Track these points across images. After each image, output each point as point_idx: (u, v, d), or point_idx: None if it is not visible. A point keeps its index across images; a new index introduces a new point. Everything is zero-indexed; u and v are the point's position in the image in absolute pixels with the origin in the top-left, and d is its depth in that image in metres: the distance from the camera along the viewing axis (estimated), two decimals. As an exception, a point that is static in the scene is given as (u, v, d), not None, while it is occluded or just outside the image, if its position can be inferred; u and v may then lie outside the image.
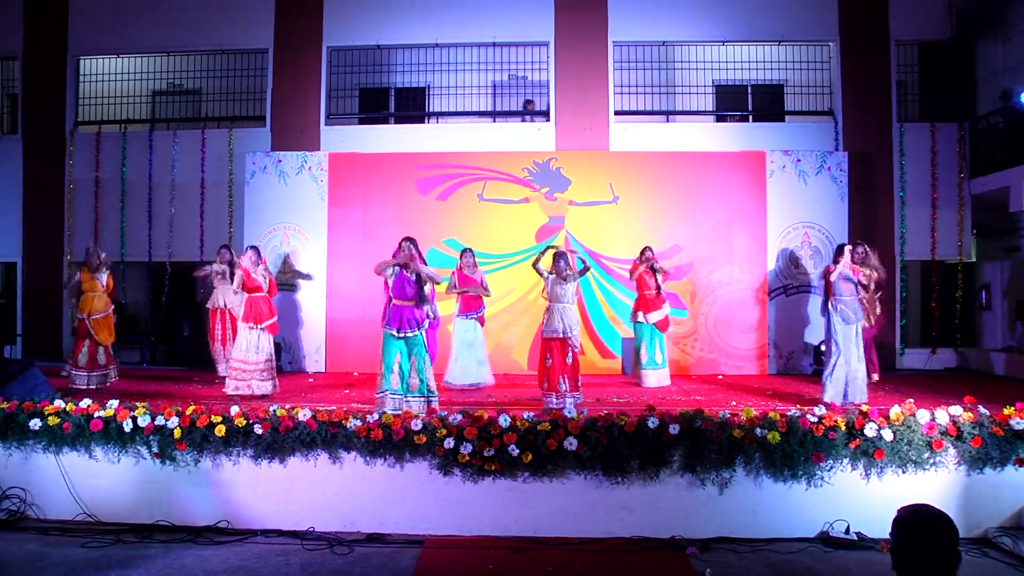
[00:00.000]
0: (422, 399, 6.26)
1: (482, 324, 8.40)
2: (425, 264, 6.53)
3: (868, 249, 7.47)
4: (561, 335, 6.86)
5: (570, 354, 6.89)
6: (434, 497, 5.24)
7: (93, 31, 11.34)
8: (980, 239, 11.06)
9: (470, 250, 8.44)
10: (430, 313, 6.57)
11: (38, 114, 11.40)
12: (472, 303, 8.29)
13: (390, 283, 6.35)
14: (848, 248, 7.10)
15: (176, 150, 11.14)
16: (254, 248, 7.68)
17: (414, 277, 6.31)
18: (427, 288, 6.40)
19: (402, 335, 6.28)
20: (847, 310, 6.92)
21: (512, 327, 9.82)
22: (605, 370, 9.69)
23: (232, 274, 8.22)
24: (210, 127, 11.24)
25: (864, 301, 7.37)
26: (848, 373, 6.88)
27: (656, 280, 8.46)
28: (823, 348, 7.49)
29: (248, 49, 11.20)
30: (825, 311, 7.08)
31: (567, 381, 6.85)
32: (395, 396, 6.26)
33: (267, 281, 7.53)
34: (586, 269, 7.26)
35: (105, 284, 8.14)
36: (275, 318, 7.57)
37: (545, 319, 7.02)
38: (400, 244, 6.42)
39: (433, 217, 10.02)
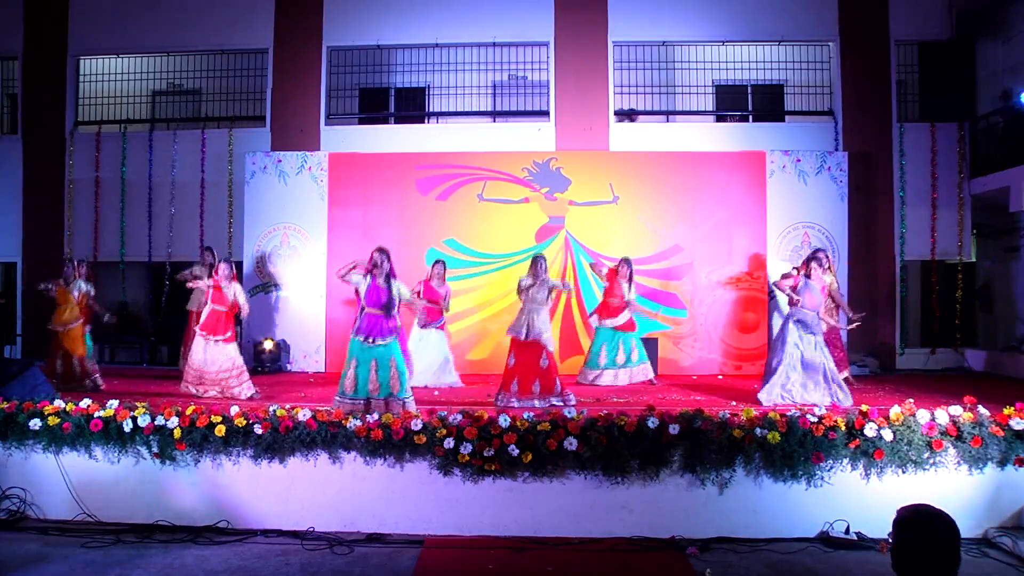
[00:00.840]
0: (399, 401, 6.08)
1: (444, 331, 8.48)
2: (395, 276, 6.34)
3: (828, 256, 7.62)
4: (523, 337, 6.90)
5: (544, 357, 6.90)
6: (434, 497, 5.24)
7: (93, 31, 11.35)
8: (980, 239, 11.06)
9: (442, 262, 8.43)
10: (399, 321, 6.49)
11: (38, 114, 11.40)
12: (433, 315, 8.30)
13: (363, 292, 6.25)
14: (815, 261, 7.09)
15: (176, 150, 11.14)
16: (228, 263, 7.64)
17: (385, 285, 6.17)
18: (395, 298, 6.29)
19: (373, 343, 6.09)
20: (806, 320, 6.94)
21: (512, 327, 9.79)
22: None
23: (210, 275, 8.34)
24: (210, 127, 11.25)
25: (821, 312, 7.26)
26: (793, 380, 6.89)
27: (623, 290, 8.43)
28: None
29: (248, 49, 11.21)
30: (783, 316, 7.14)
31: (538, 385, 6.86)
32: (352, 400, 6.07)
33: (232, 300, 7.43)
34: (558, 287, 7.28)
35: (78, 296, 7.99)
36: (230, 333, 7.47)
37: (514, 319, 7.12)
38: (372, 255, 6.21)
39: (433, 217, 10.02)
